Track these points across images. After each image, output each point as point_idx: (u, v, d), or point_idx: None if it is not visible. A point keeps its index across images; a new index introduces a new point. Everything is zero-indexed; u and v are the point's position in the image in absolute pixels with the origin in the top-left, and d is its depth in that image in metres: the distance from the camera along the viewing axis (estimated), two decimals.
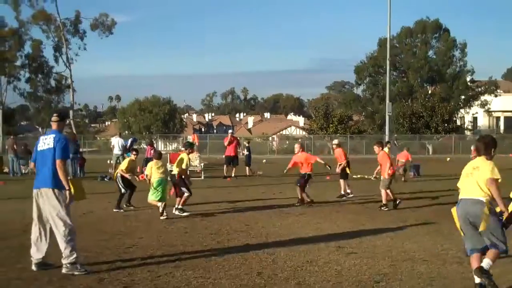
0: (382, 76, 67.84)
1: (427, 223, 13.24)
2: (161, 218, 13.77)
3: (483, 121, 77.32)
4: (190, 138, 38.40)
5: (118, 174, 16.02)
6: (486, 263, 7.31)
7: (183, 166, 14.65)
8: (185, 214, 14.33)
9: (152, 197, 14.54)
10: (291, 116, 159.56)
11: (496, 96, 69.95)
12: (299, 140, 57.86)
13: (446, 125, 60.32)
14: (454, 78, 69.17)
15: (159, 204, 14.18)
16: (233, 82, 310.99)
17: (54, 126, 8.85)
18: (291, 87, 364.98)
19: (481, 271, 7.23)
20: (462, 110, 71.05)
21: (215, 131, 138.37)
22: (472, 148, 26.82)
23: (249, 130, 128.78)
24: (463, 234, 7.80)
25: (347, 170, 19.50)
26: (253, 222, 13.27)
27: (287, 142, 66.98)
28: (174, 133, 79.42)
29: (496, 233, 7.36)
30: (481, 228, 7.38)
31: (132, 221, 13.52)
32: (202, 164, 26.86)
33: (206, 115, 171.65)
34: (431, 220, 13.66)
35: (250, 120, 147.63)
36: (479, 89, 70.50)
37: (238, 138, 31.09)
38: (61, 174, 8.38)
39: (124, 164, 16.41)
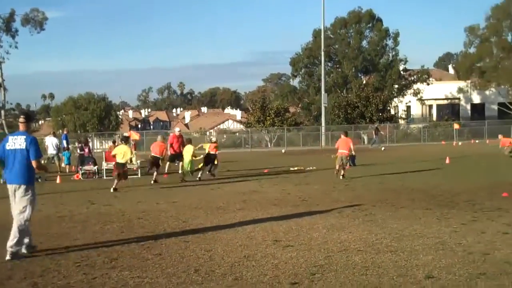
0: (318, 67, 68.59)
1: (362, 213, 13.44)
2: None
3: (416, 110, 78.96)
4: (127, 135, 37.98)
5: None
6: None
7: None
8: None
9: None
10: (228, 110, 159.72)
11: (428, 84, 71.49)
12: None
13: (380, 114, 61.37)
14: (387, 68, 70.38)
15: None
16: (169, 77, 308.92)
17: (21, 127, 9.78)
18: (227, 80, 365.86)
19: None
20: (395, 99, 72.38)
21: (151, 127, 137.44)
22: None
23: (186, 125, 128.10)
24: None
25: None
26: (190, 219, 13.22)
27: (225, 136, 66.96)
28: (110, 130, 78.39)
29: None
30: None
31: (67, 222, 13.28)
32: (139, 162, 26.60)
33: (142, 111, 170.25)
34: (366, 210, 13.89)
35: (187, 115, 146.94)
36: (412, 78, 71.94)
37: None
38: (42, 170, 10.42)
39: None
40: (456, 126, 55.33)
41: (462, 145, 47.41)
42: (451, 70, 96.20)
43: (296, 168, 27.58)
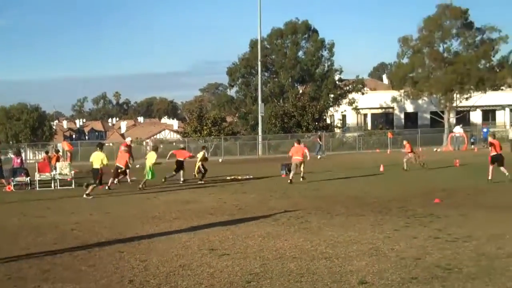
0: (255, 77, 68.77)
1: (298, 221, 13.53)
2: None
3: (352, 119, 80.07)
4: (60, 146, 37.33)
5: None
6: None
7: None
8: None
9: None
10: (165, 120, 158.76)
11: (363, 94, 72.56)
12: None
13: (316, 123, 61.98)
14: (323, 78, 71.12)
15: None
16: (105, 86, 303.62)
17: None
18: (164, 90, 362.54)
19: None
20: (331, 109, 73.25)
21: (87, 137, 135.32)
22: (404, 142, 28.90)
23: (122, 135, 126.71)
24: None
25: None
26: (125, 229, 13.05)
27: (161, 146, 66.42)
28: (44, 140, 76.79)
29: None
30: None
31: None
32: (73, 172, 26.15)
33: (77, 121, 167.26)
34: (302, 218, 13.99)
35: (123, 124, 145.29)
36: (347, 88, 72.93)
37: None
38: None
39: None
40: (390, 134, 56.42)
41: (396, 152, 48.29)
42: (385, 80, 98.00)
43: (233, 177, 27.58)
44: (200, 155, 27.25)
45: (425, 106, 72.72)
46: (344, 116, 79.25)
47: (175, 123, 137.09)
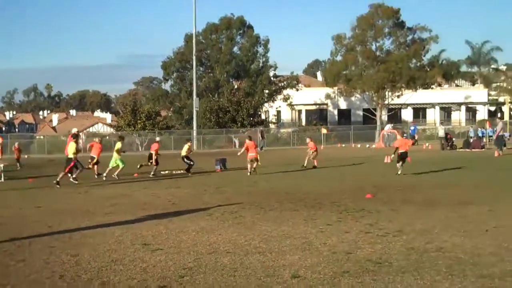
0: (189, 71, 68.56)
1: (232, 216, 13.55)
2: None
3: (286, 115, 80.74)
4: None
5: None
6: None
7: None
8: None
9: None
10: (98, 113, 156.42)
11: (297, 90, 73.29)
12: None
13: (251, 119, 62.26)
14: (258, 73, 71.50)
15: None
16: (36, 78, 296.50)
17: None
18: (97, 83, 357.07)
19: None
20: (266, 104, 73.69)
21: (17, 130, 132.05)
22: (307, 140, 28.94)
23: (53, 128, 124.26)
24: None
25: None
26: (56, 224, 12.80)
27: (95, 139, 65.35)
28: None
29: None
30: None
31: None
32: (2, 166, 25.51)
33: (6, 113, 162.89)
34: (236, 212, 14.02)
35: (55, 117, 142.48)
36: (282, 84, 73.50)
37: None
38: None
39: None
40: (323, 130, 57.18)
41: (329, 148, 48.91)
42: (320, 77, 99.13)
43: (166, 172, 27.41)
44: (185, 148, 27.15)
45: (358, 103, 74.00)
46: (278, 112, 79.86)
47: (108, 117, 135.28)
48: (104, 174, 24.52)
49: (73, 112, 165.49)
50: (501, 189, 17.96)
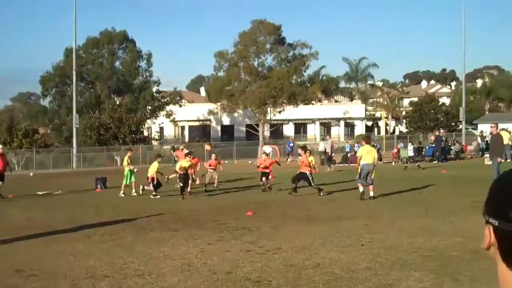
0: (70, 87, 66.86)
1: (111, 237, 13.28)
2: None
3: (170, 131, 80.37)
4: None
5: None
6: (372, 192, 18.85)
7: None
8: None
9: None
10: None
11: (180, 106, 73.10)
12: None
13: (133, 135, 61.39)
14: (141, 89, 70.78)
15: None
16: None
17: None
18: None
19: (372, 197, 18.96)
20: (149, 121, 72.97)
21: None
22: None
23: None
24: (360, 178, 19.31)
25: None
26: None
27: None
28: None
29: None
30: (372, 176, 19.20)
31: None
32: None
33: None
34: (116, 234, 13.75)
35: None
36: (165, 100, 73.06)
37: None
38: None
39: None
40: (207, 147, 57.16)
41: None
42: (203, 93, 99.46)
43: (44, 192, 26.51)
44: (154, 165, 24.22)
45: (241, 119, 74.77)
46: (161, 128, 79.30)
47: None
48: None
49: None
50: (376, 203, 18.63)
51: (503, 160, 22.64)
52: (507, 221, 1.62)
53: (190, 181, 23.59)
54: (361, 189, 19.57)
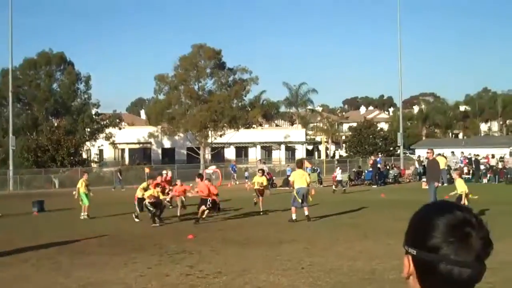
0: (6, 108, 65.37)
1: (49, 261, 13.01)
2: None
3: (109, 153, 79.37)
4: None
5: None
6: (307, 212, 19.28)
7: None
8: None
9: None
10: None
11: (120, 128, 72.38)
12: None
13: (72, 158, 60.42)
14: (79, 111, 69.81)
15: None
16: None
17: None
18: None
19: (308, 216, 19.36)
20: (88, 143, 71.91)
21: None
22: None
23: None
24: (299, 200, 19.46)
25: None
26: None
27: None
28: None
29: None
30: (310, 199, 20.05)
31: None
32: None
33: None
34: (53, 258, 13.47)
35: None
36: (104, 122, 72.20)
37: None
38: None
39: None
40: (147, 170, 56.65)
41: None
42: (143, 115, 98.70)
43: None
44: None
45: (182, 142, 74.45)
46: (101, 151, 78.31)
47: None
48: None
49: None
50: (317, 225, 18.78)
51: (439, 185, 23.13)
52: (424, 251, 1.71)
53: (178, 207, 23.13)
54: (294, 216, 19.63)
